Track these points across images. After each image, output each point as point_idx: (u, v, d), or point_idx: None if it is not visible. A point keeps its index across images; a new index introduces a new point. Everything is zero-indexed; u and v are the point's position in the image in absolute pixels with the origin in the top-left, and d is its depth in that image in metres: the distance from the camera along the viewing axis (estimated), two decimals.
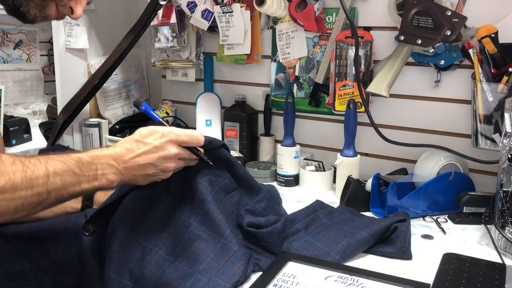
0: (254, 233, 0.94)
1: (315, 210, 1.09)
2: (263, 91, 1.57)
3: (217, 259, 0.84)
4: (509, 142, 0.97)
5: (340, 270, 0.88)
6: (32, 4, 0.93)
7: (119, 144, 0.84)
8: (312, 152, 1.51)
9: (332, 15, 1.40)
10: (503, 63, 1.15)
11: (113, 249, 0.86)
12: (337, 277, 0.86)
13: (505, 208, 0.98)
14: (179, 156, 0.86)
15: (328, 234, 1.00)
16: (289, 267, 0.89)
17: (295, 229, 1.00)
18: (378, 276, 0.86)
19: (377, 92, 1.24)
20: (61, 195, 0.76)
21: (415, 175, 1.24)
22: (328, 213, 1.10)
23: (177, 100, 1.75)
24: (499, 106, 1.13)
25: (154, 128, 0.85)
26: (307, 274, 0.87)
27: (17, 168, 0.71)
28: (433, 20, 1.16)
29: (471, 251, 0.99)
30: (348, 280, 0.85)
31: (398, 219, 1.02)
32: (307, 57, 1.46)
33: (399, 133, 1.35)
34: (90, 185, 0.79)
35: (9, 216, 0.71)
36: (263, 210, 1.02)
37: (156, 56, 1.66)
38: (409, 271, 0.92)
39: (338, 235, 0.99)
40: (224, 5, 1.48)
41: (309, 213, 1.07)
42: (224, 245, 0.86)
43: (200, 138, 0.88)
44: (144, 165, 0.83)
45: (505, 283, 0.84)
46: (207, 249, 0.85)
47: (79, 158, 0.79)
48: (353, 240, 0.95)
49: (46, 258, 0.91)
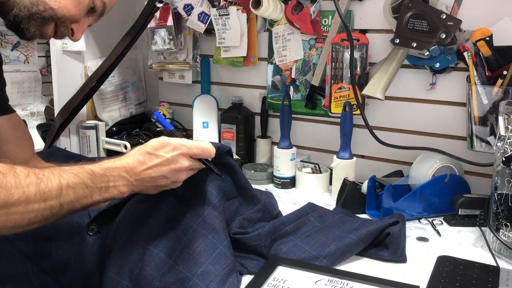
0: (241, 239, 0.95)
1: (306, 213, 1.09)
2: (259, 93, 1.57)
3: (215, 264, 0.84)
4: (503, 145, 0.97)
5: (330, 274, 0.88)
6: (33, 22, 0.94)
7: (131, 155, 0.85)
8: (308, 154, 1.52)
9: (328, 18, 1.40)
10: (497, 66, 1.15)
11: (114, 249, 0.87)
12: (327, 281, 0.86)
13: (500, 211, 0.99)
14: (190, 167, 0.87)
15: (317, 237, 0.99)
16: (279, 272, 0.89)
17: (284, 232, 0.99)
18: (368, 279, 0.86)
19: (372, 94, 1.25)
20: (73, 207, 0.77)
21: (411, 177, 1.25)
22: (319, 215, 1.09)
23: (174, 102, 1.75)
24: (494, 109, 1.14)
25: (166, 140, 0.85)
26: (297, 278, 0.87)
27: (31, 181, 0.71)
28: (428, 23, 1.16)
29: (465, 254, 1.00)
30: (338, 284, 0.85)
31: (390, 222, 1.02)
32: (303, 59, 1.46)
33: (394, 136, 1.36)
34: (101, 196, 0.80)
35: (22, 228, 0.72)
36: (258, 221, 1.02)
37: (153, 58, 1.67)
38: (404, 273, 0.92)
39: (327, 238, 0.98)
40: (220, 8, 1.49)
41: (300, 216, 1.06)
42: (222, 252, 0.86)
43: (211, 151, 0.88)
44: (156, 177, 0.84)
45: (498, 285, 0.84)
46: (205, 253, 0.85)
47: (91, 170, 0.79)
48: (341, 244, 0.95)
49: (48, 259, 0.92)
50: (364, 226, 1.00)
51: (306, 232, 1.02)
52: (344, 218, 1.09)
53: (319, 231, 1.02)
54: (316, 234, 1.00)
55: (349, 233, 0.98)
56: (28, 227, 0.72)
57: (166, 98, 1.77)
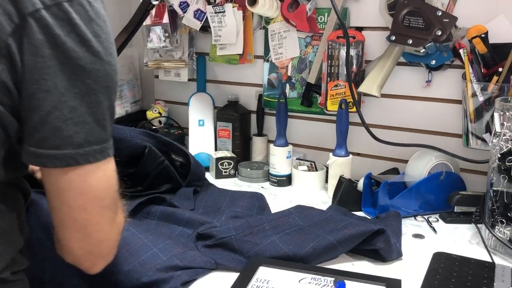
0: (210, 232, 0.96)
1: (290, 213, 1.06)
2: (255, 91, 1.57)
3: (177, 247, 0.92)
4: (498, 142, 0.97)
5: (313, 271, 0.87)
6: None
7: None
8: (304, 152, 1.51)
9: (324, 15, 1.40)
10: (493, 63, 1.16)
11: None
12: (310, 279, 0.86)
13: (495, 208, 0.99)
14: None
15: (296, 236, 0.95)
16: (261, 272, 0.88)
17: (262, 228, 0.97)
18: (350, 275, 0.86)
19: (368, 92, 1.24)
20: None
21: (407, 175, 1.25)
22: (305, 215, 1.05)
23: (169, 100, 1.74)
24: (489, 106, 1.14)
25: None
26: (281, 277, 0.86)
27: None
28: (424, 20, 1.16)
29: (461, 250, 1.00)
30: (322, 282, 0.85)
31: (374, 229, 0.95)
32: (299, 57, 1.46)
33: (390, 133, 1.36)
34: None
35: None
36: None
37: (149, 56, 1.66)
38: (400, 270, 0.92)
39: (306, 238, 0.94)
40: (216, 5, 1.48)
41: (282, 216, 1.04)
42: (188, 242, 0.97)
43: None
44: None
45: (494, 281, 0.84)
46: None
47: None
48: (318, 246, 0.92)
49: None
50: (347, 228, 0.96)
51: (287, 229, 0.98)
52: (331, 217, 1.04)
53: (300, 230, 0.98)
54: (296, 233, 0.97)
55: (329, 234, 0.94)
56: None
57: (162, 96, 1.76)
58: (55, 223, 0.68)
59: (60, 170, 0.63)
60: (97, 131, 0.64)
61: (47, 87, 0.60)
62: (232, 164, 1.46)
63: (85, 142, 0.63)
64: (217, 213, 1.11)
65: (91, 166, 0.64)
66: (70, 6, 0.60)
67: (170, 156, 1.26)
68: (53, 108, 0.60)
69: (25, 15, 0.58)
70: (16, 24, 0.58)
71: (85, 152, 0.63)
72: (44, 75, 0.59)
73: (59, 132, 0.61)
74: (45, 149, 0.62)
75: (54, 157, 0.62)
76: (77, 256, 0.69)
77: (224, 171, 1.45)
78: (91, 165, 0.64)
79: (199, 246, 0.96)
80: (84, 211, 0.66)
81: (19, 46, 0.58)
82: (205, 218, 1.05)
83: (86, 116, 0.62)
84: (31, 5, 0.58)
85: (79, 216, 0.66)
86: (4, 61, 0.58)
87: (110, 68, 0.64)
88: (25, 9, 0.58)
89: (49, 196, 0.67)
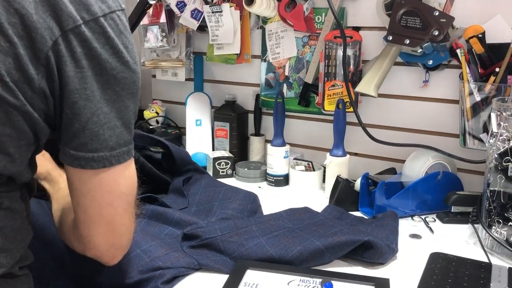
0: (195, 232, 0.96)
1: (281, 215, 1.05)
2: (253, 91, 1.57)
3: (161, 248, 0.92)
4: (495, 142, 0.97)
5: (301, 273, 0.87)
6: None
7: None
8: (302, 152, 1.51)
9: (322, 15, 1.40)
10: (490, 63, 1.16)
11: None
12: (299, 281, 0.85)
13: (492, 208, 0.99)
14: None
15: (284, 239, 0.94)
16: (248, 276, 0.86)
17: (250, 229, 0.96)
18: (339, 276, 0.86)
19: (365, 92, 1.24)
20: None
21: (404, 175, 1.25)
22: (295, 218, 1.04)
23: (167, 100, 1.74)
24: (486, 106, 1.14)
25: None
26: (269, 280, 0.85)
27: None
28: (421, 20, 1.16)
29: (458, 251, 1.00)
30: (311, 283, 0.84)
31: (363, 239, 0.92)
32: (296, 57, 1.46)
33: (387, 133, 1.36)
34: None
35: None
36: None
37: (146, 55, 1.66)
38: (397, 270, 0.92)
39: (293, 241, 0.92)
40: (213, 5, 1.48)
41: (271, 218, 1.03)
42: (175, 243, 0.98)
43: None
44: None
45: (490, 282, 0.84)
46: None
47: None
48: (305, 250, 0.90)
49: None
50: (336, 235, 0.93)
51: (275, 231, 0.96)
52: (322, 221, 1.03)
53: (289, 232, 0.97)
54: (283, 235, 0.95)
55: (317, 239, 0.92)
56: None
57: (159, 95, 1.76)
58: (80, 220, 0.73)
59: (94, 171, 0.68)
60: (125, 134, 0.69)
61: (86, 95, 0.65)
62: (229, 164, 1.46)
63: (117, 145, 0.68)
64: (209, 214, 1.11)
65: (120, 166, 0.70)
66: (105, 21, 0.66)
67: (149, 150, 1.25)
68: (92, 115, 0.66)
69: (66, 31, 0.63)
70: (56, 37, 0.62)
71: (117, 154, 0.69)
72: (84, 85, 0.64)
73: (96, 137, 0.66)
74: (84, 152, 0.67)
75: (91, 160, 0.67)
76: (100, 251, 0.74)
77: (222, 171, 1.45)
78: (120, 165, 0.70)
79: (184, 247, 0.95)
80: (111, 207, 0.71)
81: (57, 58, 0.63)
82: (194, 219, 1.05)
83: (116, 120, 0.68)
84: (72, 22, 0.63)
85: (106, 212, 0.71)
86: (43, 69, 0.63)
87: (135, 76, 0.69)
88: (67, 25, 0.63)
89: (77, 195, 0.72)
